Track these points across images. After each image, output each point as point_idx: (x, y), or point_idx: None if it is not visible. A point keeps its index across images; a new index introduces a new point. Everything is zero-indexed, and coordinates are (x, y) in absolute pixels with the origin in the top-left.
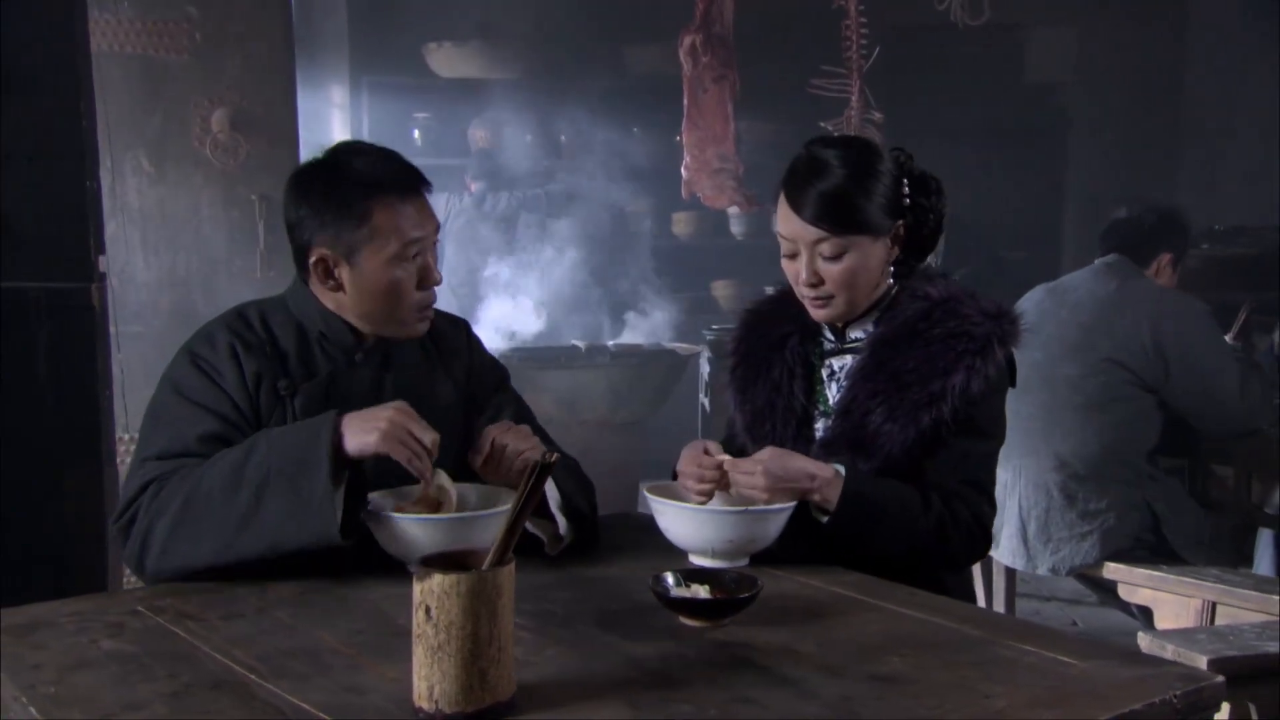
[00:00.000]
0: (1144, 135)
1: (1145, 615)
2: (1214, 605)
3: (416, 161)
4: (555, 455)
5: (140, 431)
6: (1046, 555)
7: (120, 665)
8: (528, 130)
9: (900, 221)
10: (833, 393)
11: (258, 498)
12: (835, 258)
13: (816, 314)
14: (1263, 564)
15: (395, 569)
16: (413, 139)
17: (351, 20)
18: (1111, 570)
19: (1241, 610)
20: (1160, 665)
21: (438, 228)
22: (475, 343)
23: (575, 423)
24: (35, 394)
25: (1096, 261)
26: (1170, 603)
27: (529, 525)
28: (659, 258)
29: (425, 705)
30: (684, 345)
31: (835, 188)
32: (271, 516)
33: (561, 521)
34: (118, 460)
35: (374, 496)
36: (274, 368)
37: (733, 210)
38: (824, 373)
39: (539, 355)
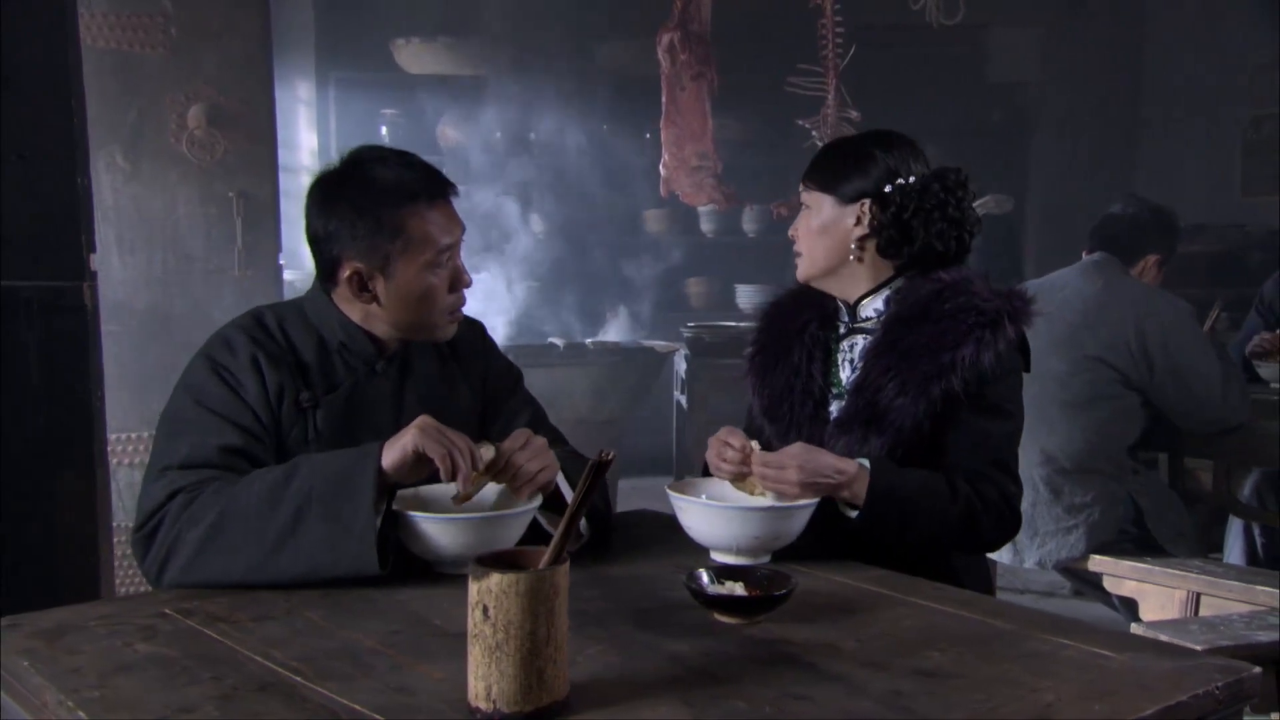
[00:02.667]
0: (1109, 135)
1: (1127, 607)
2: (1198, 596)
3: None
4: (612, 454)
5: (156, 439)
6: (1033, 549)
7: (161, 668)
8: (497, 127)
9: (867, 201)
10: (847, 373)
11: (296, 521)
12: (808, 211)
13: (798, 273)
14: (1233, 553)
15: (418, 570)
16: (380, 136)
17: (318, 15)
18: (1097, 563)
19: (1225, 601)
20: (1196, 657)
21: (464, 229)
22: (491, 345)
23: (554, 421)
24: (26, 395)
25: (1083, 259)
26: (1155, 594)
27: (543, 523)
28: (631, 255)
29: (482, 705)
30: (662, 343)
31: (829, 152)
32: (309, 542)
33: (582, 522)
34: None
35: (399, 493)
36: (295, 379)
37: (704, 208)
38: (839, 355)
39: (517, 353)
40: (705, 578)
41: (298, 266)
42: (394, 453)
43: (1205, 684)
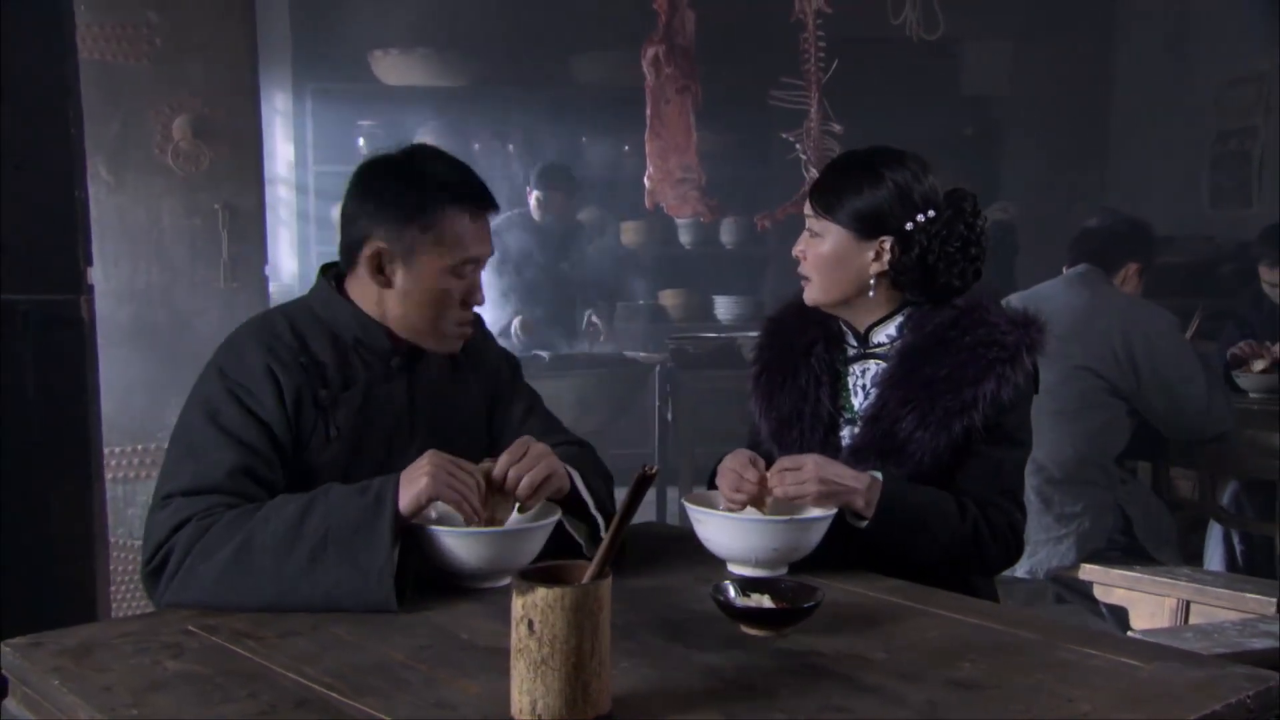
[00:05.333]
0: (1079, 147)
1: (1116, 615)
2: (1188, 604)
3: None
4: (656, 468)
5: (166, 458)
6: (1025, 558)
7: (194, 686)
8: (475, 139)
9: (887, 239)
10: (858, 400)
11: (312, 563)
12: (817, 238)
13: (805, 295)
14: (1213, 560)
15: (438, 583)
16: (358, 147)
17: (295, 26)
18: (1088, 571)
19: (1214, 608)
20: (1221, 666)
21: (492, 252)
22: (490, 336)
23: None
24: (22, 409)
25: (1068, 271)
26: (1146, 602)
27: (567, 527)
28: (609, 267)
29: (527, 719)
30: (647, 354)
31: (840, 177)
32: (326, 585)
33: (601, 524)
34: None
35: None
36: (311, 380)
37: (683, 220)
38: (849, 380)
39: None
40: (732, 590)
41: (273, 279)
42: (408, 500)
43: (1236, 693)
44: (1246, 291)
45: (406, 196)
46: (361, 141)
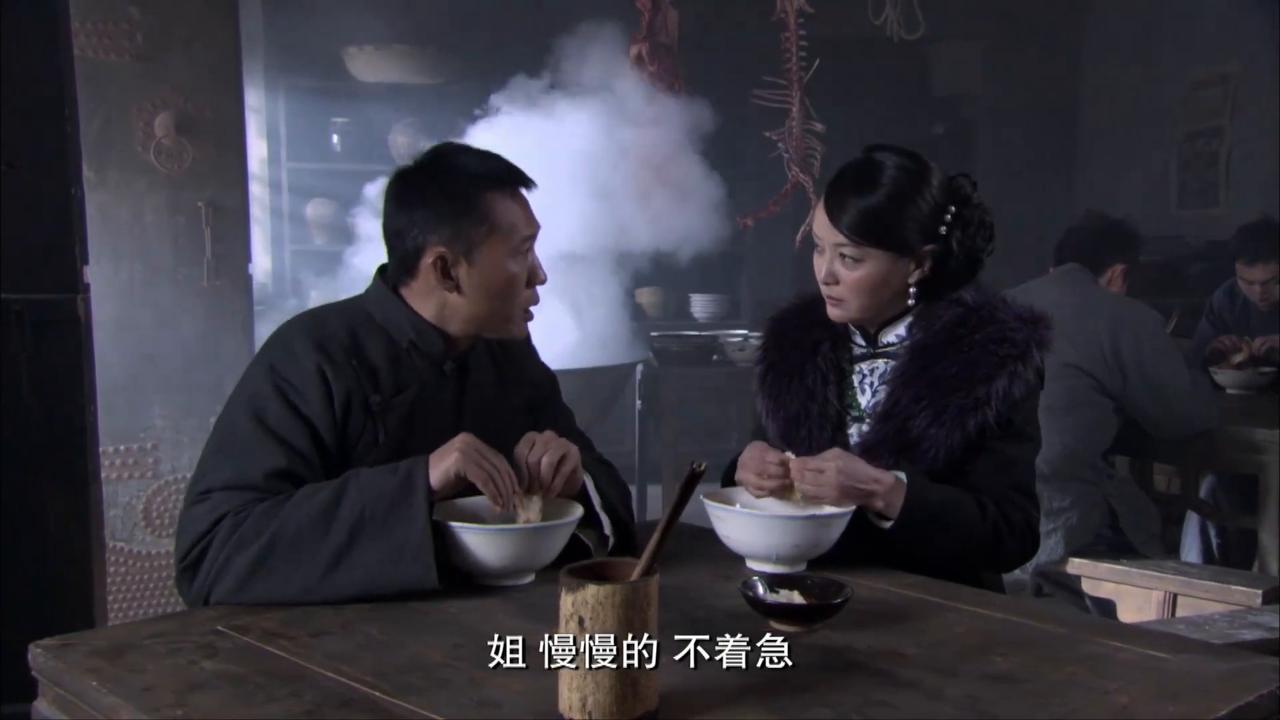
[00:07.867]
0: (1050, 148)
1: (1101, 609)
2: (1175, 597)
3: (336, 168)
4: (704, 465)
5: (206, 450)
6: None
7: (234, 686)
8: (450, 136)
9: (930, 247)
10: (865, 398)
11: (351, 542)
12: (853, 263)
13: (830, 311)
14: (1190, 552)
15: (459, 581)
16: (331, 144)
17: (268, 22)
18: (1076, 566)
19: (1201, 601)
20: (1246, 658)
21: (539, 227)
22: (533, 349)
23: None
24: (18, 409)
25: (1055, 270)
26: (1133, 595)
27: (578, 532)
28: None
29: (577, 716)
30: (634, 352)
31: (870, 200)
32: (366, 562)
33: (606, 522)
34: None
35: (436, 505)
36: (363, 385)
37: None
38: (855, 378)
39: None
40: (761, 587)
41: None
42: (438, 474)
43: (1267, 684)
44: (1222, 288)
45: (449, 195)
46: (335, 139)
